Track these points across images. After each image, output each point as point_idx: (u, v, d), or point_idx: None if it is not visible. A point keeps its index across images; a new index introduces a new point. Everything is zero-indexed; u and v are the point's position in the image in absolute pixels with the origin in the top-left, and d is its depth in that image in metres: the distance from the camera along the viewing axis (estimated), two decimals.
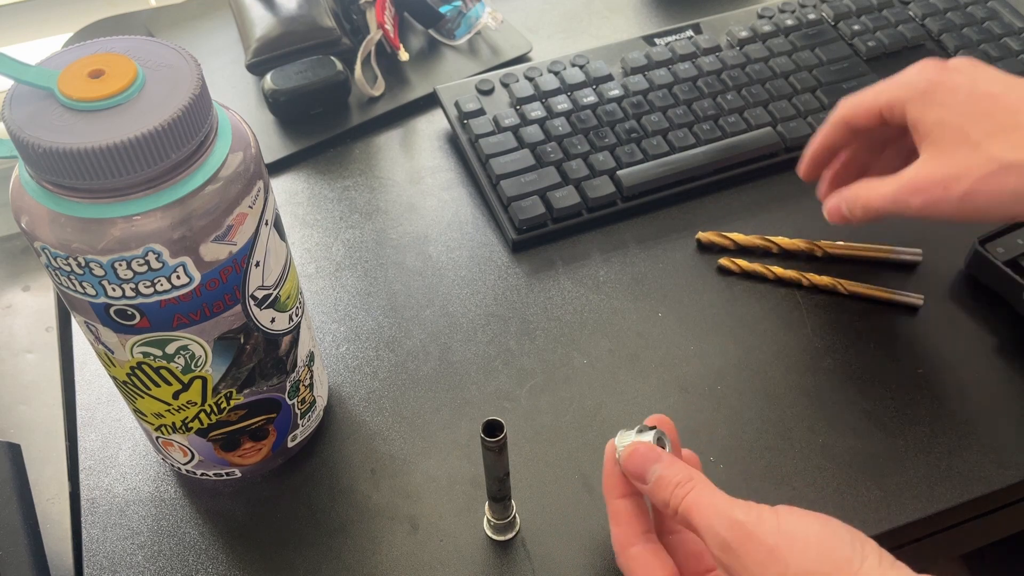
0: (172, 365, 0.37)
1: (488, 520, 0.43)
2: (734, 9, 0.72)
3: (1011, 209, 0.41)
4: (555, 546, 0.43)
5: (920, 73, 0.45)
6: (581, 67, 0.65)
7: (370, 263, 0.57)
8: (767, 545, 0.33)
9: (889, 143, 0.50)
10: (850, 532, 0.33)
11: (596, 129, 0.60)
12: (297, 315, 0.41)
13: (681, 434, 0.43)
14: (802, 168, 0.52)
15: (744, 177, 0.60)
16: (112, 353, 0.37)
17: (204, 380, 0.38)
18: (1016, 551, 0.89)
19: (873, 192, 0.45)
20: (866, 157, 0.50)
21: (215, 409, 0.40)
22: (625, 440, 0.39)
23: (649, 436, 0.38)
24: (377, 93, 0.66)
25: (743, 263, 0.55)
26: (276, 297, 0.39)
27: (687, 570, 0.38)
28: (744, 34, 0.67)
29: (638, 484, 0.38)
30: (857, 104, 0.47)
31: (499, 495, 0.41)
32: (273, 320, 0.39)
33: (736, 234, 0.56)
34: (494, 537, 0.43)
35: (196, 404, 0.39)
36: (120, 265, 0.32)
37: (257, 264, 0.36)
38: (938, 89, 0.44)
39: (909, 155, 0.45)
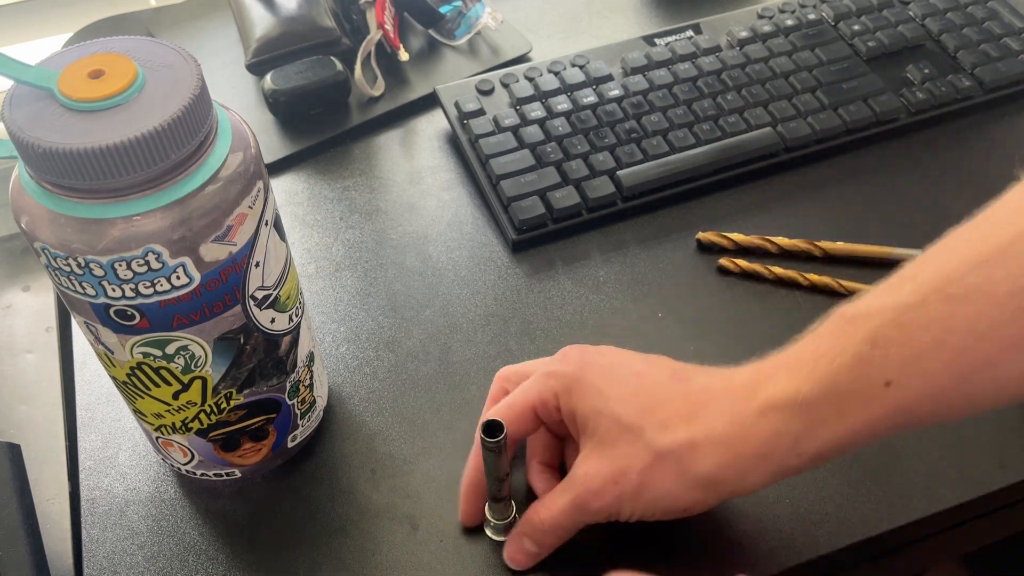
0: (172, 365, 0.37)
1: (488, 520, 0.43)
2: (734, 9, 0.72)
3: (686, 500, 0.37)
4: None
5: (564, 360, 0.41)
6: (581, 67, 0.65)
7: (370, 263, 0.57)
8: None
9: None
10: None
11: (596, 129, 0.60)
12: (297, 315, 0.41)
13: None
14: (463, 510, 0.44)
15: (744, 177, 0.60)
16: (112, 353, 0.37)
17: (204, 380, 0.38)
18: (1016, 551, 0.89)
19: (549, 511, 0.40)
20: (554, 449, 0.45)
21: (215, 409, 0.40)
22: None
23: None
24: (377, 93, 0.66)
25: (743, 263, 0.55)
26: (276, 297, 0.39)
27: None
28: (744, 34, 0.67)
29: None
30: (507, 410, 0.41)
31: (499, 495, 0.41)
32: (273, 320, 0.39)
33: (736, 234, 0.56)
34: (494, 538, 0.43)
35: (196, 404, 0.39)
36: (120, 265, 0.32)
37: (257, 264, 0.36)
38: (587, 374, 0.40)
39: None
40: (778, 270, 0.54)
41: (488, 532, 0.44)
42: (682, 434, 0.37)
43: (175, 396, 0.39)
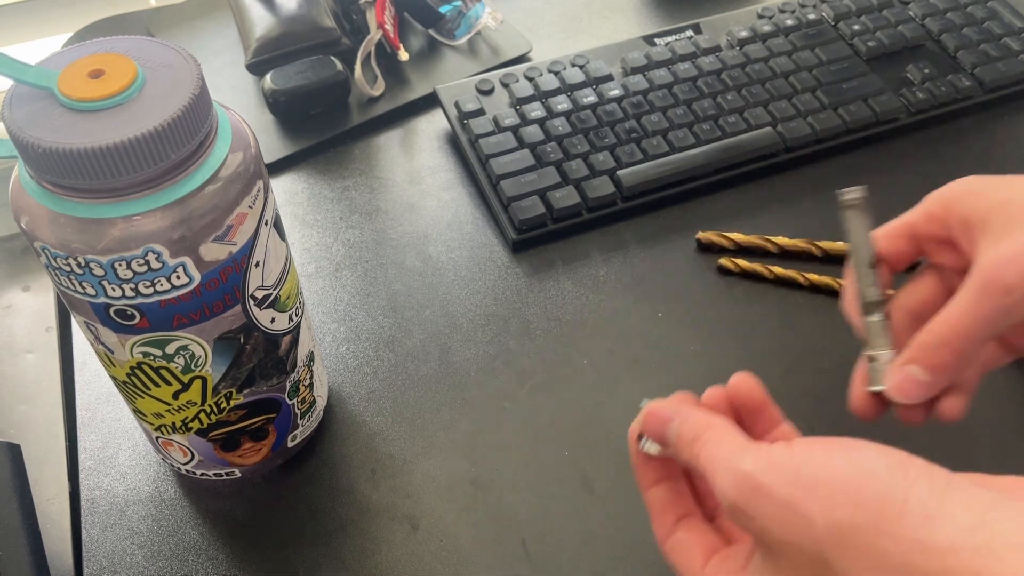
0: (172, 365, 0.37)
1: (872, 359, 0.35)
2: (734, 9, 0.72)
3: None
4: (555, 546, 0.43)
5: (961, 180, 0.36)
6: (581, 67, 0.65)
7: (370, 263, 0.57)
8: (781, 499, 0.26)
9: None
10: (886, 459, 0.27)
11: (596, 129, 0.60)
12: (297, 315, 0.41)
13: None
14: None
15: (744, 177, 0.60)
16: (112, 353, 0.37)
17: (204, 380, 0.38)
18: None
19: (949, 319, 0.33)
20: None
21: (215, 409, 0.40)
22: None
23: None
24: (377, 93, 0.66)
25: (743, 263, 0.55)
26: (276, 297, 0.39)
27: (735, 535, 0.33)
28: (744, 34, 0.67)
29: (668, 450, 0.33)
30: (882, 232, 0.37)
31: (876, 299, 0.34)
32: (273, 320, 0.39)
33: (736, 234, 0.56)
34: (877, 388, 0.35)
35: (196, 404, 0.39)
36: (120, 265, 0.32)
37: (257, 264, 0.36)
38: (980, 180, 0.35)
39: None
40: (778, 270, 0.54)
41: (873, 381, 0.35)
42: None
43: (175, 396, 0.39)
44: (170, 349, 0.36)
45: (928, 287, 0.37)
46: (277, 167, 0.63)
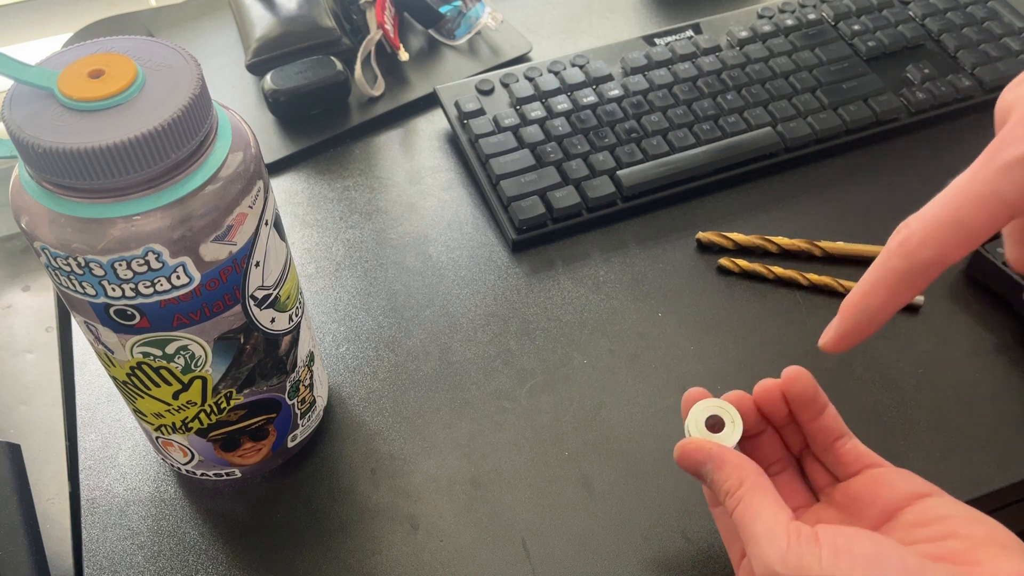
0: (172, 365, 0.37)
1: None
2: (734, 9, 0.72)
3: None
4: (555, 546, 0.43)
5: None
6: (581, 67, 0.65)
7: (370, 263, 0.57)
8: None
9: None
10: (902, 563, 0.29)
11: (596, 129, 0.60)
12: (297, 315, 0.41)
13: (683, 434, 0.43)
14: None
15: (744, 177, 0.60)
16: (112, 353, 0.37)
17: (204, 380, 0.38)
18: None
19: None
20: None
21: (215, 409, 0.40)
22: (700, 417, 0.37)
23: (739, 427, 0.36)
24: (377, 93, 0.66)
25: (743, 263, 0.55)
26: (276, 297, 0.39)
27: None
28: (744, 34, 0.67)
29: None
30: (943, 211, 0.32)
31: None
32: (273, 320, 0.39)
33: (736, 234, 0.56)
34: None
35: (196, 404, 0.39)
36: (120, 265, 0.32)
37: (257, 264, 0.36)
38: None
39: None
40: (778, 270, 0.54)
41: None
42: None
43: (175, 396, 0.39)
44: (170, 349, 0.36)
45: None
46: (277, 167, 0.63)
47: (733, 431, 0.37)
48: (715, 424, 0.37)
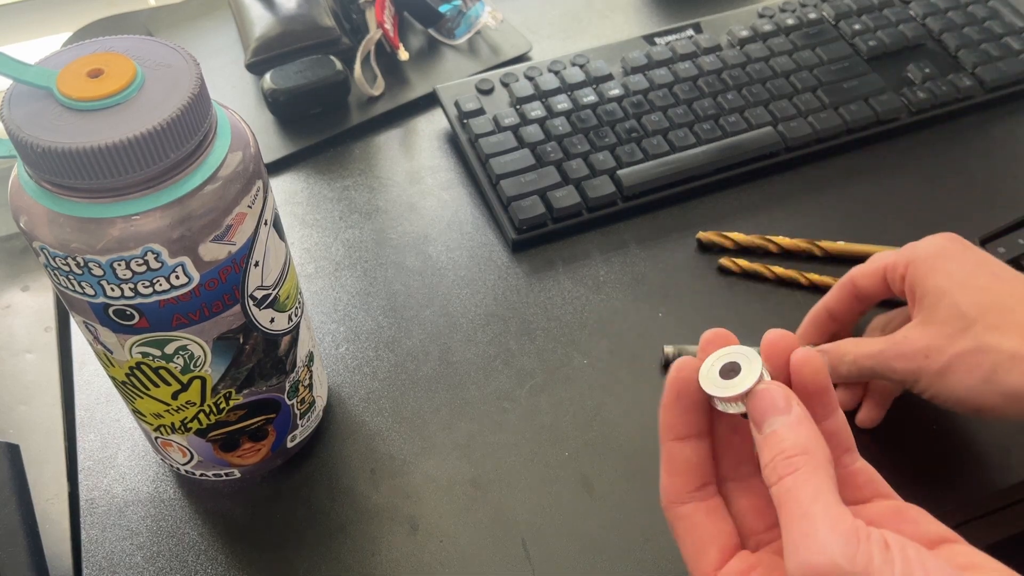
0: (171, 365, 0.37)
1: None
2: (734, 8, 0.72)
3: (983, 403, 0.38)
4: (555, 546, 0.43)
5: (931, 241, 0.43)
6: (581, 67, 0.65)
7: (370, 263, 0.57)
8: None
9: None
10: None
11: (596, 129, 0.60)
12: (296, 315, 0.41)
13: None
14: (799, 331, 0.48)
15: (744, 177, 0.60)
16: (111, 353, 0.37)
17: (203, 380, 0.38)
18: (1016, 551, 0.89)
19: (861, 349, 0.42)
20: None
21: (214, 409, 0.40)
22: (715, 365, 0.31)
23: (756, 368, 0.30)
24: (377, 93, 0.66)
25: (743, 263, 0.55)
26: (275, 297, 0.39)
27: (746, 527, 0.32)
28: (744, 33, 0.67)
29: (753, 429, 0.30)
30: (862, 267, 0.46)
31: None
32: (272, 320, 0.39)
33: (736, 234, 0.56)
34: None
35: (195, 404, 0.39)
36: (119, 265, 0.32)
37: (256, 264, 0.36)
38: (945, 256, 0.41)
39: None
40: (778, 270, 0.54)
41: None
42: (1011, 343, 0.38)
43: (174, 396, 0.39)
44: (169, 349, 0.36)
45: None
46: (277, 167, 0.63)
47: (750, 371, 0.30)
48: (731, 371, 0.31)
